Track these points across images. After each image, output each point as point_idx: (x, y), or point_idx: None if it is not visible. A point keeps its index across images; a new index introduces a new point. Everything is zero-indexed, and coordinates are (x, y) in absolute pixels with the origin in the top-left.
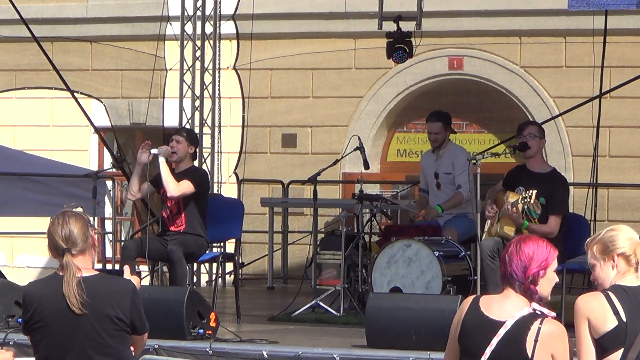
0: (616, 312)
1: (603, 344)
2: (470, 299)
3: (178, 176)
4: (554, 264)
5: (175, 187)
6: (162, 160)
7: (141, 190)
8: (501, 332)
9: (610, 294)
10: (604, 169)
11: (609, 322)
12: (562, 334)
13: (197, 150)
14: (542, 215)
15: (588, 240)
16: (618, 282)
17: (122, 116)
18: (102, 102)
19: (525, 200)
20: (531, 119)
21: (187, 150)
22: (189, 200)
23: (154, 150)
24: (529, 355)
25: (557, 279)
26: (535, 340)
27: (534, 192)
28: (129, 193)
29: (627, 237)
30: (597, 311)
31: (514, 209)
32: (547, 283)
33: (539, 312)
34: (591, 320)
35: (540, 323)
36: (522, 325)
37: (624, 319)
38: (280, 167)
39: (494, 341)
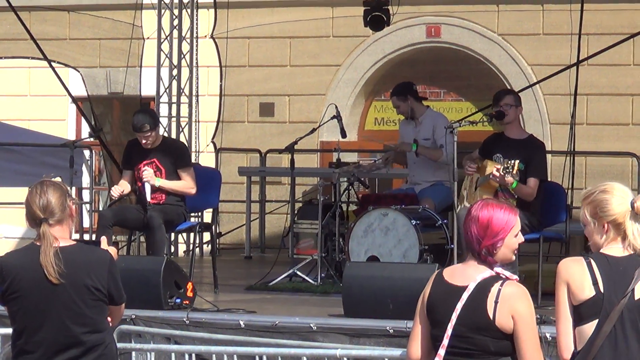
0: (595, 282)
1: (580, 312)
2: (433, 275)
3: (159, 152)
4: (514, 230)
5: (193, 187)
6: (158, 183)
7: (126, 187)
8: (464, 295)
9: (592, 262)
10: (582, 137)
11: (586, 291)
12: (522, 295)
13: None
14: (520, 181)
15: (582, 194)
16: (603, 250)
17: (100, 85)
18: (79, 72)
19: (508, 170)
20: (509, 87)
21: (157, 133)
22: (171, 174)
23: (147, 185)
24: (490, 317)
25: (520, 240)
26: (496, 302)
27: (517, 162)
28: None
29: (619, 203)
30: (577, 277)
31: (500, 173)
32: (506, 250)
33: (502, 275)
34: (570, 286)
35: (501, 285)
36: (484, 287)
37: (602, 290)
38: (258, 136)
39: (459, 306)
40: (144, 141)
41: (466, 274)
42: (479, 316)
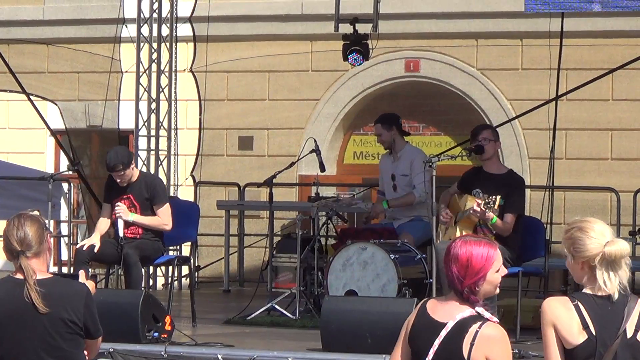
0: (586, 326)
1: (573, 356)
2: (420, 304)
3: (134, 187)
4: (495, 266)
5: (168, 224)
6: (131, 219)
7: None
8: (442, 333)
9: (580, 304)
10: (562, 171)
11: (578, 335)
12: (501, 339)
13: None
14: (498, 216)
15: (565, 227)
16: (587, 289)
17: (77, 119)
18: (56, 105)
19: (489, 205)
20: (488, 122)
21: (131, 171)
22: (146, 210)
23: (120, 221)
24: (465, 357)
25: (503, 273)
26: (472, 343)
27: (498, 197)
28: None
29: (593, 245)
30: (565, 320)
31: (480, 208)
32: (489, 287)
33: (482, 315)
34: (559, 330)
35: (480, 326)
36: (462, 326)
37: (594, 332)
38: (238, 169)
39: (436, 342)
40: (118, 180)
41: (447, 311)
42: (454, 356)
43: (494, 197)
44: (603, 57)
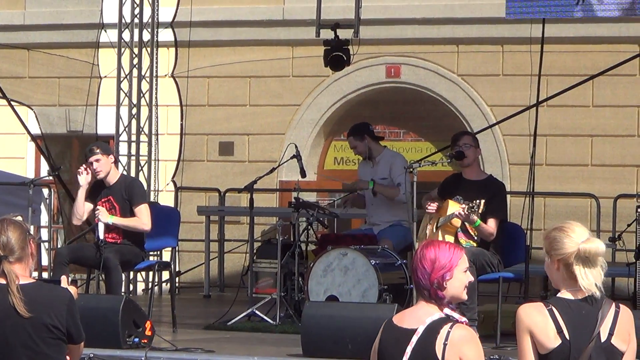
0: (560, 331)
1: None
2: (383, 324)
3: (115, 189)
4: (462, 264)
5: (147, 223)
6: (110, 221)
7: (86, 211)
8: (414, 339)
9: (554, 309)
10: (542, 177)
11: (552, 340)
12: (472, 339)
13: (115, 157)
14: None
15: (546, 231)
16: (562, 294)
17: (53, 123)
18: (32, 110)
19: (473, 209)
20: (469, 128)
21: (108, 162)
22: (126, 212)
23: (100, 224)
24: (440, 359)
25: (470, 279)
26: (445, 344)
27: (482, 201)
28: (75, 218)
29: (570, 243)
30: (540, 326)
31: (464, 212)
32: (457, 284)
33: (451, 317)
34: (535, 335)
35: (450, 327)
36: (433, 329)
37: (567, 337)
38: (220, 175)
39: (408, 349)
40: (94, 166)
41: (416, 317)
42: (428, 358)
43: (478, 201)
44: (585, 63)
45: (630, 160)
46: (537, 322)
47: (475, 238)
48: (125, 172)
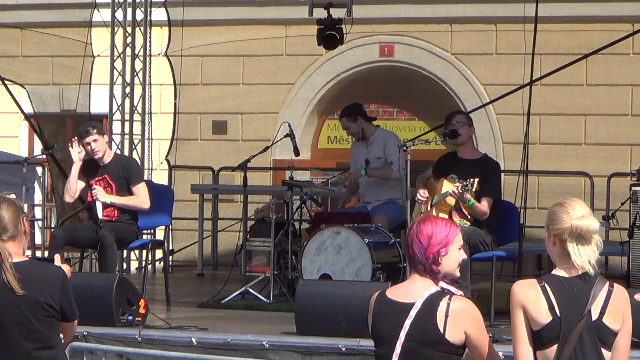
0: (551, 307)
1: (540, 337)
2: (375, 295)
3: (110, 168)
4: (457, 242)
5: (145, 202)
6: (109, 200)
7: (79, 189)
8: (412, 313)
9: (547, 285)
10: (536, 156)
11: (544, 316)
12: (472, 311)
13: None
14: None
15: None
16: (556, 271)
17: (46, 102)
18: (25, 89)
19: (467, 187)
20: (462, 107)
21: (104, 142)
22: (123, 190)
23: (98, 203)
24: (441, 330)
25: (463, 256)
26: (446, 315)
27: (476, 180)
28: (68, 195)
29: (567, 218)
30: (532, 302)
31: (458, 190)
32: (451, 260)
33: (447, 290)
34: (527, 311)
35: (449, 299)
36: (432, 302)
37: (558, 314)
38: (213, 154)
39: (407, 323)
40: (92, 147)
41: (411, 291)
42: (430, 331)
43: (472, 179)
44: (579, 42)
45: (624, 139)
46: (530, 298)
47: (469, 217)
48: (119, 152)
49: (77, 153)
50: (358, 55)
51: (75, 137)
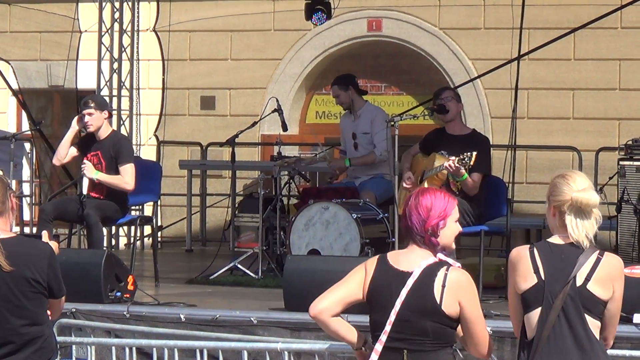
0: (536, 270)
1: (525, 300)
2: (375, 257)
3: (104, 144)
4: (454, 214)
5: (129, 183)
6: (95, 176)
7: (69, 155)
8: (409, 282)
9: (535, 250)
10: (524, 131)
11: (528, 279)
12: (468, 282)
13: (110, 112)
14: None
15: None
16: (550, 239)
17: (32, 78)
18: (10, 64)
19: (464, 162)
20: (450, 82)
21: (101, 117)
22: (112, 169)
23: (85, 179)
24: (437, 301)
25: (460, 229)
26: (443, 286)
27: (474, 153)
28: (56, 158)
29: (567, 190)
30: (521, 265)
31: (453, 166)
32: (448, 233)
33: (445, 261)
34: (516, 273)
35: (447, 270)
36: (429, 272)
37: (543, 277)
38: (202, 129)
39: (403, 292)
40: (85, 119)
41: (410, 260)
42: (426, 301)
43: (469, 153)
44: (567, 16)
45: (612, 113)
46: (519, 261)
47: (457, 193)
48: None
49: (76, 119)
50: (346, 30)
51: (81, 113)
